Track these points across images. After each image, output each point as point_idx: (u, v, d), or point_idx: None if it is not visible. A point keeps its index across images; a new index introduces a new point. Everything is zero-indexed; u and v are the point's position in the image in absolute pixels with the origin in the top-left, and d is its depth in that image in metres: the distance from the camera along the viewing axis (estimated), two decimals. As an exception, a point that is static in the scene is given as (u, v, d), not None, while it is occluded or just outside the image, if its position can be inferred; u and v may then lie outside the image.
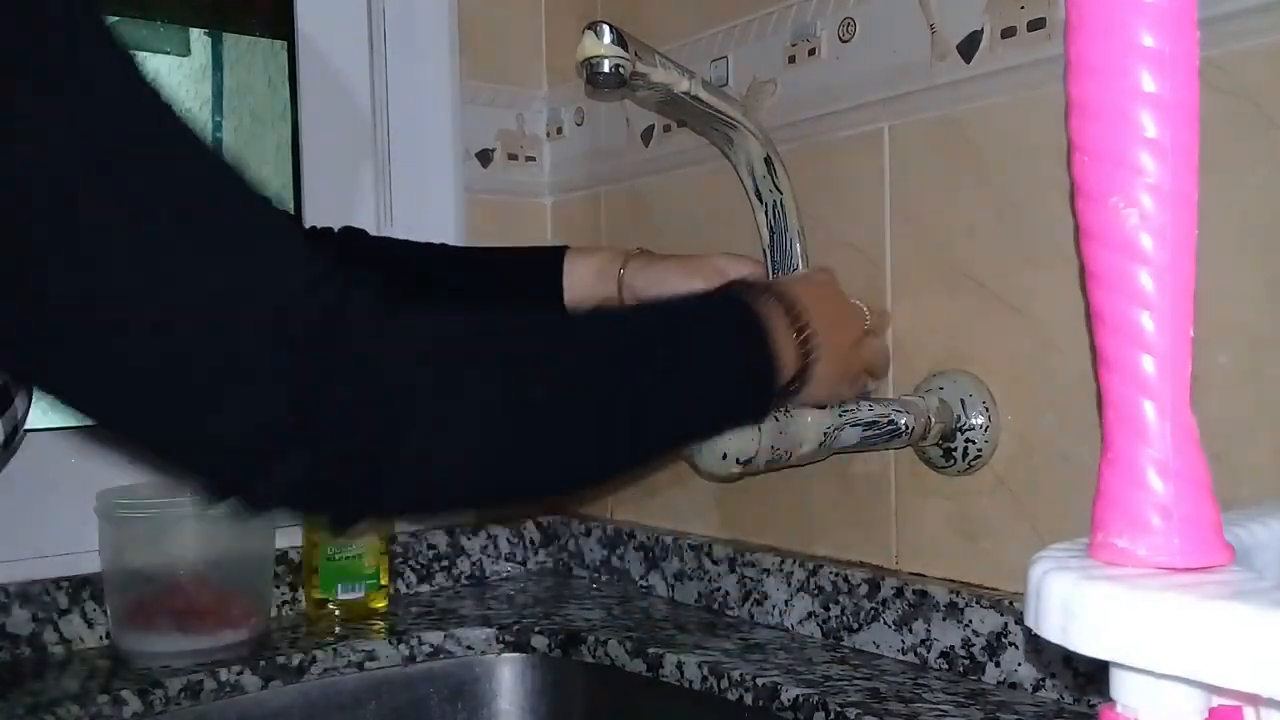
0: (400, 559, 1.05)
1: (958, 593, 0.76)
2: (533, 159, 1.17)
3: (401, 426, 0.46)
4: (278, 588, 0.97)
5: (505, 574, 1.11)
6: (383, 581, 0.98)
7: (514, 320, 0.54)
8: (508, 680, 0.93)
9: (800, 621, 0.87)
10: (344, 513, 0.50)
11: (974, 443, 0.75)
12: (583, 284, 0.83)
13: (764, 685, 0.76)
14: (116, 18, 1.27)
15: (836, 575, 0.84)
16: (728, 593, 0.93)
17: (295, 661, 0.86)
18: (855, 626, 0.83)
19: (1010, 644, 0.73)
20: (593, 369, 0.54)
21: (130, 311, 0.42)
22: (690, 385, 0.59)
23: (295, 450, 0.45)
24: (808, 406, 0.71)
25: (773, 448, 0.70)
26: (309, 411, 0.45)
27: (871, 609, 0.81)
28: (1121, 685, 0.31)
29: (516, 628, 0.94)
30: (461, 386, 0.48)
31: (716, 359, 0.61)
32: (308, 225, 0.89)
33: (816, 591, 0.86)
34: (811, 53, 0.87)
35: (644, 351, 0.57)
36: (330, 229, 0.87)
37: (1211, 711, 0.31)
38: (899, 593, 0.79)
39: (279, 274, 0.45)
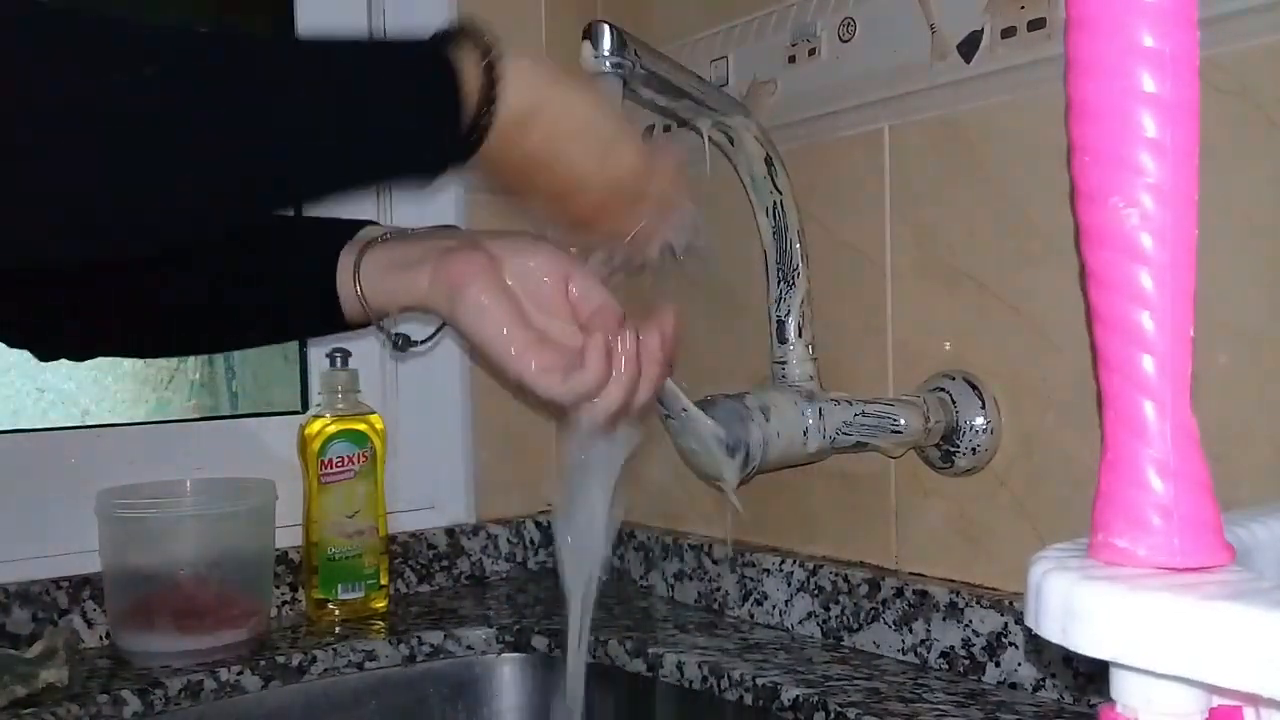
0: (400, 559, 1.05)
1: (958, 593, 0.76)
2: (533, 159, 1.16)
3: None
4: (278, 588, 0.97)
5: (505, 574, 1.11)
6: (382, 581, 0.98)
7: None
8: (507, 680, 0.93)
9: (800, 621, 0.87)
10: None
11: (974, 443, 0.75)
12: (356, 280, 0.65)
13: (764, 685, 0.76)
14: (116, 17, 1.27)
15: (836, 575, 0.84)
16: (727, 593, 0.93)
17: (295, 661, 0.86)
18: (855, 626, 0.83)
19: (1010, 644, 0.72)
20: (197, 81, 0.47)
21: None
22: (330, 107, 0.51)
23: None
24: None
25: (771, 443, 0.70)
26: None
27: (871, 609, 0.81)
28: (1121, 685, 0.31)
29: (516, 628, 0.94)
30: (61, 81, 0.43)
31: (371, 83, 0.54)
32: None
33: (816, 591, 0.85)
34: (812, 53, 0.87)
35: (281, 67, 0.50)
36: None
37: (1211, 711, 0.31)
38: (899, 593, 0.79)
39: None
